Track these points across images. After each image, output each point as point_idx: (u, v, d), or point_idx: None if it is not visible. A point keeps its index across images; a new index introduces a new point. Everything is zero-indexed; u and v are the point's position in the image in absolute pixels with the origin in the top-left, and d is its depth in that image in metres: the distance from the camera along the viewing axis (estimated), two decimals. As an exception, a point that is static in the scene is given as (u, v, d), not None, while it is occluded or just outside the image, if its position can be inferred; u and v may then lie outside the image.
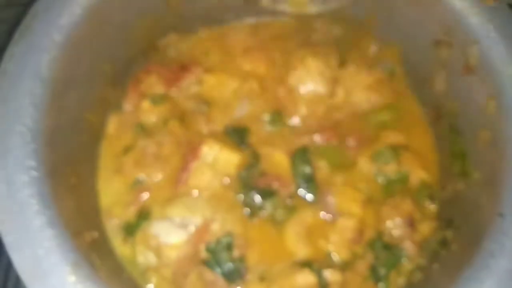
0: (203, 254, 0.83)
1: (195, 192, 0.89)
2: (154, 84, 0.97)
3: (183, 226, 0.85)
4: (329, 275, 0.81)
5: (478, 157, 0.82)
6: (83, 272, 0.63)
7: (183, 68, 0.99)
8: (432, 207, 0.90)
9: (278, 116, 0.96)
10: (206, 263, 0.83)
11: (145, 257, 0.86)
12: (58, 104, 0.77)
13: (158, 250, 0.84)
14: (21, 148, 0.68)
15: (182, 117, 0.95)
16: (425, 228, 0.88)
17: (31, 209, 0.65)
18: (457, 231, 0.80)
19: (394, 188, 0.90)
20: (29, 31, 0.74)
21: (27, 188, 0.66)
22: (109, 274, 0.71)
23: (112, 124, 0.96)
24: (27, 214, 0.64)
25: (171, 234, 0.84)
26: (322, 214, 0.87)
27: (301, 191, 0.88)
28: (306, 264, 0.82)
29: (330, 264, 0.83)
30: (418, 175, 0.91)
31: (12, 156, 0.68)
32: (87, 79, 0.86)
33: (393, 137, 0.94)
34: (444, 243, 0.81)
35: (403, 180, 0.91)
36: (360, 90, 0.98)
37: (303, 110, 0.96)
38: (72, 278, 0.62)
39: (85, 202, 0.85)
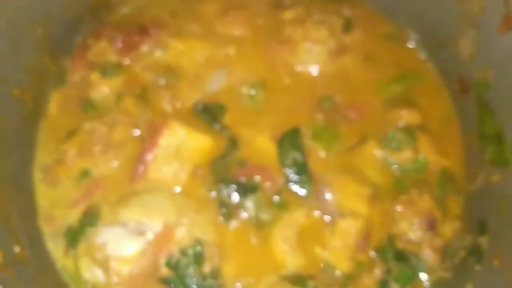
0: (165, 269, 0.67)
1: (156, 188, 0.73)
2: (105, 51, 0.83)
3: (139, 233, 0.69)
4: (328, 296, 0.63)
5: (522, 140, 0.64)
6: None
7: (142, 31, 0.84)
8: (456, 203, 0.74)
9: (262, 89, 0.80)
10: (166, 282, 0.66)
11: (92, 273, 0.69)
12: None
13: (105, 264, 0.67)
14: None
15: (141, 93, 0.80)
16: (448, 230, 0.73)
17: None
18: (495, 239, 0.62)
19: (408, 180, 0.75)
20: None
21: None
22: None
23: (53, 103, 0.81)
24: None
25: (123, 244, 0.67)
26: (318, 214, 0.72)
27: (291, 185, 0.74)
28: (298, 280, 0.68)
29: (329, 280, 0.68)
30: (437, 163, 0.76)
31: None
32: (9, 42, 0.68)
33: (406, 116, 0.79)
34: (478, 254, 0.63)
35: (420, 170, 0.76)
36: (367, 59, 0.83)
37: (294, 81, 0.81)
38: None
39: (9, 204, 0.67)
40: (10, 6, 0.65)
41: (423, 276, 0.68)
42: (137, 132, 0.76)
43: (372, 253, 0.70)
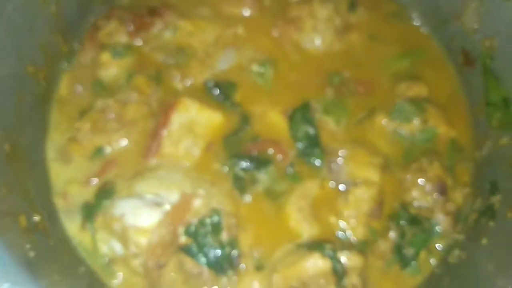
0: (183, 238, 0.66)
1: (170, 164, 0.73)
2: (115, 32, 0.82)
3: (156, 204, 0.67)
4: (347, 258, 0.64)
5: (529, 102, 0.65)
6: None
7: (152, 12, 0.84)
8: (465, 170, 0.75)
9: (271, 66, 0.81)
10: (186, 250, 0.65)
11: (109, 246, 0.69)
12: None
13: (124, 236, 0.66)
14: None
15: (152, 72, 0.80)
16: (459, 196, 0.73)
17: None
18: (507, 196, 0.63)
19: (418, 150, 0.76)
20: None
21: None
22: (53, 268, 0.51)
23: (65, 82, 0.81)
24: None
25: (140, 215, 0.66)
26: (332, 184, 0.73)
27: (304, 157, 0.74)
28: (316, 246, 0.67)
29: (346, 246, 0.67)
30: (446, 133, 0.77)
31: None
32: (24, 18, 0.67)
33: (413, 89, 0.80)
34: (491, 212, 0.64)
35: (429, 140, 0.77)
36: (372, 36, 0.85)
37: (302, 58, 0.82)
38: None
39: (27, 178, 0.67)
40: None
41: (438, 240, 0.69)
42: (149, 110, 0.75)
43: (386, 220, 0.70)
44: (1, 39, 0.62)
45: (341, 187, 0.72)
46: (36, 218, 0.60)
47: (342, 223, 0.70)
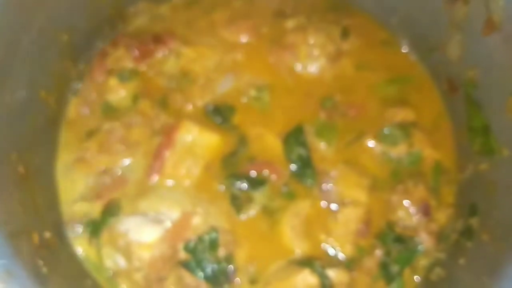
0: (182, 254, 0.71)
1: (172, 183, 0.78)
2: (122, 58, 0.87)
3: (158, 221, 0.73)
4: (334, 275, 0.69)
5: (506, 131, 0.70)
6: (17, 282, 0.49)
7: (157, 39, 0.88)
8: (449, 192, 0.79)
9: (268, 91, 0.85)
10: (185, 265, 0.70)
11: (113, 260, 0.74)
12: (-1, 75, 0.63)
13: (127, 251, 0.71)
14: None
15: (156, 96, 0.85)
16: (442, 216, 0.78)
17: None
18: (485, 219, 0.68)
19: (404, 172, 0.80)
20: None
21: None
22: (62, 283, 0.56)
23: (74, 106, 0.85)
24: None
25: (143, 231, 0.72)
26: (323, 203, 0.77)
27: (297, 178, 0.79)
28: (306, 262, 0.72)
29: (334, 262, 0.72)
30: (431, 156, 0.81)
31: None
32: (39, 49, 0.73)
33: (401, 114, 0.84)
34: (469, 233, 0.69)
35: (415, 162, 0.81)
36: (363, 63, 0.88)
37: (297, 83, 0.86)
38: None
39: (38, 196, 0.72)
40: (41, 15, 0.70)
41: (421, 258, 0.73)
42: (152, 132, 0.80)
43: (372, 238, 0.74)
44: (18, 69, 0.67)
45: (331, 206, 0.76)
46: (47, 234, 0.65)
47: (331, 241, 0.74)
